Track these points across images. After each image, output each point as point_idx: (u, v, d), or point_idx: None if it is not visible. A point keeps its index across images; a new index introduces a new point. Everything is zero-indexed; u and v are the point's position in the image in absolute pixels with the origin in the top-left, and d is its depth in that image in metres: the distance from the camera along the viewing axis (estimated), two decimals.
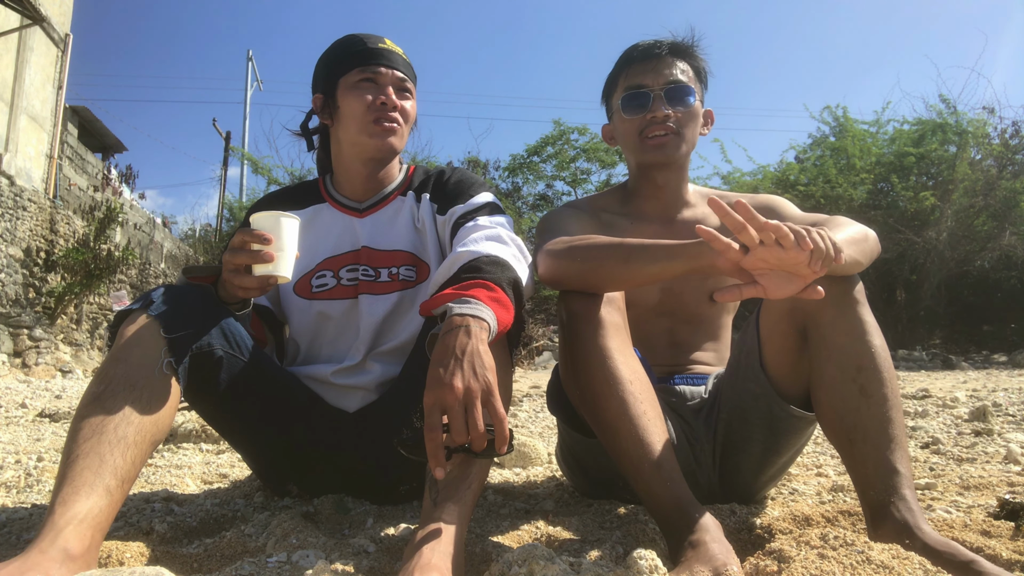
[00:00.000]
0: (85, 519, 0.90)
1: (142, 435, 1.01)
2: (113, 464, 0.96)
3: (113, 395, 1.02)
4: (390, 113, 1.42)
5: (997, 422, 2.89)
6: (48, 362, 7.85)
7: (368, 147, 1.44)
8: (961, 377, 7.15)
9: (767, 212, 1.49)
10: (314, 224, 1.49)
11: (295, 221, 1.18)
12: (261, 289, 1.19)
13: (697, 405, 1.45)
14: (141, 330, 1.10)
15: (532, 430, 3.07)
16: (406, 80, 1.46)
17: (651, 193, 1.54)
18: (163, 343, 1.09)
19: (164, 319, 1.11)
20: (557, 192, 16.44)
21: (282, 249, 1.15)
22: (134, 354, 1.07)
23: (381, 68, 1.42)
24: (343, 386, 1.41)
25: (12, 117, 9.14)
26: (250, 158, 16.69)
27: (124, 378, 1.04)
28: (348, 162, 1.49)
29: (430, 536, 0.90)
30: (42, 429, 3.09)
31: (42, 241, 9.19)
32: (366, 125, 1.41)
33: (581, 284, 1.20)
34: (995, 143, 12.79)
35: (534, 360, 10.87)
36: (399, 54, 1.47)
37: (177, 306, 1.14)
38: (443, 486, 0.95)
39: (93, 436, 0.97)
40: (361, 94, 1.41)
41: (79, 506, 0.90)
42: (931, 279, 12.59)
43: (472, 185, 1.47)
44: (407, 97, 1.46)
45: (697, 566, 0.88)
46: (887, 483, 1.04)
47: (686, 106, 1.46)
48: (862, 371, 1.10)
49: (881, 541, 0.94)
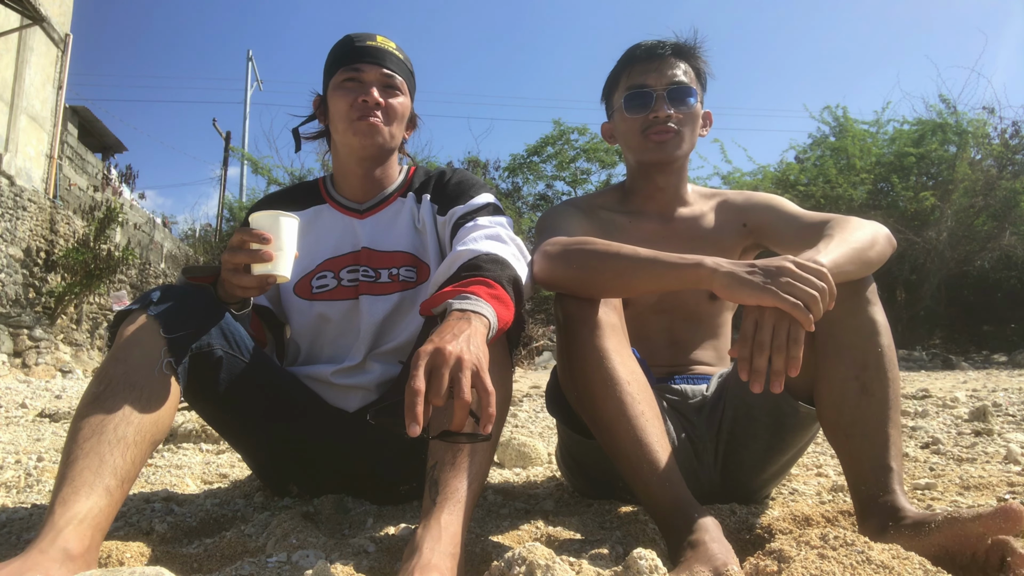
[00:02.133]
0: (85, 519, 0.90)
1: (142, 435, 1.01)
2: (113, 464, 0.96)
3: (113, 395, 1.02)
4: (371, 110, 1.41)
5: (997, 422, 2.89)
6: (48, 362, 7.85)
7: (354, 145, 1.44)
8: (961, 377, 7.15)
9: (766, 210, 1.49)
10: (314, 225, 1.50)
11: (294, 221, 1.18)
12: (260, 288, 1.19)
13: (699, 403, 1.45)
14: (140, 330, 1.10)
15: (532, 430, 3.07)
16: (394, 76, 1.44)
17: (650, 193, 1.54)
18: (163, 343, 1.09)
19: (164, 319, 1.11)
20: (557, 192, 16.43)
21: (281, 248, 1.15)
22: (134, 354, 1.07)
23: (364, 66, 1.41)
24: (343, 386, 1.41)
25: (12, 117, 9.14)
26: (250, 158, 16.69)
27: (124, 378, 1.04)
28: (344, 162, 1.50)
29: (430, 536, 0.90)
30: (42, 429, 3.08)
31: (42, 241, 9.19)
32: (350, 123, 1.41)
33: (574, 290, 1.20)
34: (995, 143, 12.79)
35: (534, 360, 10.87)
36: (390, 50, 1.45)
37: (177, 306, 1.14)
38: (443, 486, 0.95)
39: (93, 436, 0.97)
40: (345, 94, 1.41)
41: (79, 506, 0.90)
42: (931, 279, 12.59)
43: (472, 186, 1.47)
44: (394, 94, 1.44)
45: (697, 566, 0.88)
46: (879, 480, 1.06)
47: (688, 107, 1.46)
48: (866, 369, 1.11)
49: (868, 533, 0.98)
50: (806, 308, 0.98)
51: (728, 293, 1.04)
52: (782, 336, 0.98)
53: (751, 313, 1.02)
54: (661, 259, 1.12)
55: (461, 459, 0.97)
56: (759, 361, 0.98)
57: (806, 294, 0.98)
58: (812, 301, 0.98)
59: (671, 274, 1.11)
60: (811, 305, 0.98)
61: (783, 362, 0.98)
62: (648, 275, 1.13)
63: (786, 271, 1.00)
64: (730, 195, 1.57)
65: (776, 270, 1.01)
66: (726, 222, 1.52)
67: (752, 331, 1.00)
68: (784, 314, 0.99)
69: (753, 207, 1.51)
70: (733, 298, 1.04)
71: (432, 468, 0.97)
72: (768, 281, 1.00)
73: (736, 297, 1.03)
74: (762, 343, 0.98)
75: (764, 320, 0.99)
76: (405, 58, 1.49)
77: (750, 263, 1.05)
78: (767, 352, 0.98)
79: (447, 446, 0.96)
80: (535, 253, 1.30)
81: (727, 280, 1.04)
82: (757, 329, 0.99)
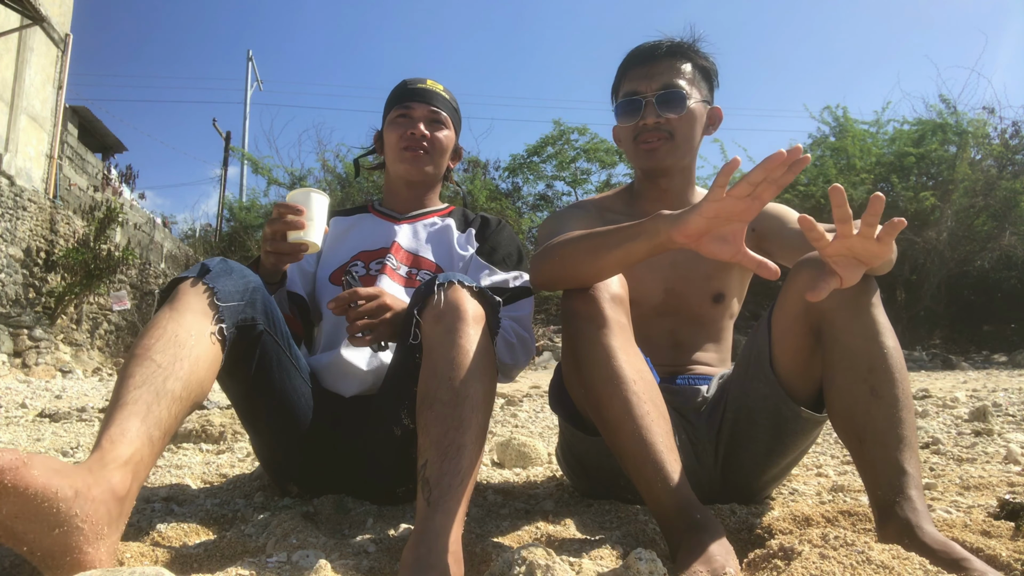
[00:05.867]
0: (129, 462, 0.89)
1: (188, 392, 1.03)
2: (158, 416, 0.96)
3: (164, 349, 1.03)
4: (418, 142, 1.63)
5: (997, 422, 2.89)
6: (48, 362, 7.86)
7: (400, 172, 1.67)
8: (961, 377, 7.15)
9: (773, 218, 1.48)
10: (356, 228, 1.70)
11: (324, 198, 1.35)
12: (294, 255, 1.35)
13: (700, 404, 1.45)
14: (196, 296, 1.13)
15: (532, 430, 3.07)
16: (439, 113, 1.66)
17: (655, 196, 1.54)
18: (215, 311, 1.13)
19: (219, 288, 1.16)
20: (557, 192, 16.45)
21: (312, 219, 1.31)
22: (187, 316, 1.10)
23: (413, 104, 1.65)
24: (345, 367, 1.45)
25: (12, 117, 9.14)
26: (250, 158, 16.72)
27: (175, 337, 1.06)
28: (393, 185, 1.73)
29: (427, 535, 0.90)
30: (42, 429, 3.08)
31: (42, 241, 9.19)
32: (398, 153, 1.64)
33: (563, 281, 1.21)
34: (995, 143, 12.81)
35: (534, 360, 10.87)
36: (438, 91, 1.68)
37: (231, 278, 1.20)
38: (435, 484, 0.96)
39: (144, 384, 0.98)
40: (396, 128, 1.65)
41: (123, 448, 0.90)
42: (931, 279, 12.60)
43: (511, 255, 1.63)
44: (440, 128, 1.66)
45: (697, 567, 0.88)
46: (894, 483, 1.04)
47: (678, 111, 1.44)
48: (873, 372, 1.09)
49: (885, 540, 0.94)
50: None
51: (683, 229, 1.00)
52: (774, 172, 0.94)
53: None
54: (624, 226, 1.12)
55: (451, 455, 0.98)
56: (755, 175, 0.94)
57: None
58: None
59: (634, 235, 1.08)
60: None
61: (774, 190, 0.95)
62: (615, 244, 1.11)
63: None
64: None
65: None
66: None
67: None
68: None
69: (762, 213, 1.51)
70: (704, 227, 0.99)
71: (423, 467, 0.99)
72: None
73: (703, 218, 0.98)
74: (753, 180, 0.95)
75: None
76: (451, 98, 1.72)
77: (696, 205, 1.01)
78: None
79: (435, 445, 1.00)
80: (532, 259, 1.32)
81: (686, 215, 1.01)
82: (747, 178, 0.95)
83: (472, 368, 1.05)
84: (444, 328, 1.09)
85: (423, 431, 1.03)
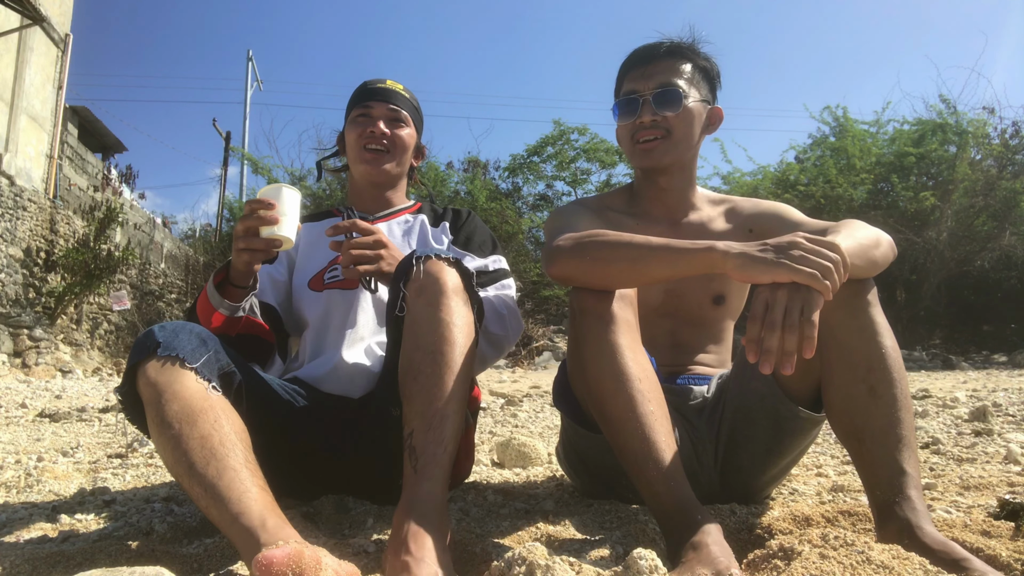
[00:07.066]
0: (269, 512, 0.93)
1: (239, 435, 1.04)
2: (249, 471, 0.98)
3: (191, 426, 1.01)
4: (378, 140, 1.61)
5: (997, 422, 2.89)
6: (48, 362, 7.86)
7: (362, 172, 1.64)
8: (961, 377, 7.16)
9: (772, 218, 1.48)
10: None
11: (296, 192, 1.32)
12: (267, 251, 1.31)
13: (699, 404, 1.45)
14: (166, 372, 1.08)
15: (532, 430, 3.07)
16: (399, 111, 1.64)
17: (655, 195, 1.54)
18: (193, 373, 1.09)
19: (181, 354, 1.11)
20: (557, 192, 16.44)
21: (284, 214, 1.28)
22: (179, 392, 1.06)
23: (373, 103, 1.63)
24: (349, 368, 1.45)
25: (12, 117, 9.14)
26: (250, 158, 16.70)
27: (188, 412, 1.03)
28: (358, 186, 1.71)
29: (416, 501, 0.97)
30: (42, 429, 3.09)
31: (42, 241, 9.19)
32: (359, 153, 1.62)
33: (590, 282, 1.19)
34: (995, 143, 12.81)
35: (534, 360, 10.86)
36: (397, 90, 1.66)
37: (184, 339, 1.14)
38: (420, 453, 1.02)
39: (210, 463, 0.97)
40: (355, 127, 1.63)
41: (255, 505, 0.93)
42: (931, 279, 12.60)
43: (485, 242, 1.65)
44: (400, 126, 1.64)
45: (697, 568, 0.88)
46: (893, 483, 1.04)
47: (675, 110, 1.44)
48: (872, 372, 1.09)
49: (884, 541, 0.94)
50: (822, 279, 0.95)
51: (741, 274, 1.01)
52: (795, 314, 0.94)
53: (763, 293, 0.98)
54: (673, 245, 1.11)
55: (435, 425, 1.04)
56: (770, 341, 0.94)
57: (820, 265, 0.96)
58: (827, 271, 0.95)
59: (684, 259, 1.09)
60: (826, 275, 0.95)
61: (795, 342, 0.94)
62: (661, 261, 1.11)
63: (798, 244, 0.98)
64: (739, 202, 1.57)
65: (788, 244, 0.99)
66: (733, 228, 1.52)
67: (763, 311, 0.96)
68: (797, 291, 0.95)
69: (760, 214, 1.51)
70: (747, 278, 1.01)
71: (409, 436, 1.05)
72: (781, 256, 0.98)
73: (750, 276, 1.00)
74: (774, 321, 0.94)
75: (777, 298, 0.96)
76: (411, 97, 1.70)
77: (761, 242, 1.03)
78: (779, 332, 0.94)
79: (420, 415, 1.06)
80: (548, 250, 1.30)
81: (739, 260, 1.02)
82: (768, 308, 0.96)
83: (453, 339, 1.11)
84: (426, 301, 1.14)
85: (408, 400, 1.08)
